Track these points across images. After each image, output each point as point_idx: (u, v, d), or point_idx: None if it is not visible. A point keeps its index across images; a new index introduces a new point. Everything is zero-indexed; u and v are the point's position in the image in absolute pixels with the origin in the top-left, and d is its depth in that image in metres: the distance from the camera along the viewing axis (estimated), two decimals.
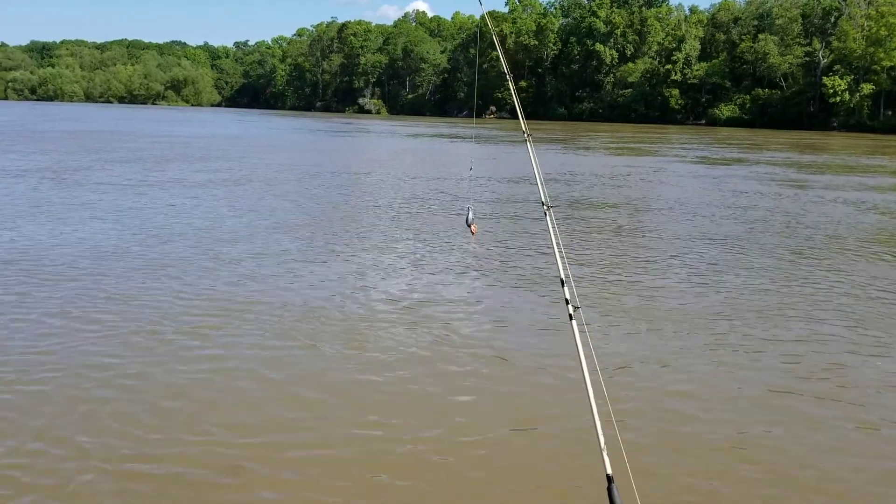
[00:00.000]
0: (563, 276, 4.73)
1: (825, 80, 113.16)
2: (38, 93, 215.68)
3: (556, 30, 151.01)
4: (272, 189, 28.08)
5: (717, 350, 10.70)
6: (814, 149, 65.41)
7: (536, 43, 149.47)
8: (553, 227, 4.98)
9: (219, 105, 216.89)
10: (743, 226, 22.15)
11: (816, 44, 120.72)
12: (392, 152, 54.46)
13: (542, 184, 5.31)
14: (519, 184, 32.07)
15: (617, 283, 14.76)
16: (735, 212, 24.95)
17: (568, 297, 4.72)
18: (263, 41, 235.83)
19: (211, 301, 12.59)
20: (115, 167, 34.32)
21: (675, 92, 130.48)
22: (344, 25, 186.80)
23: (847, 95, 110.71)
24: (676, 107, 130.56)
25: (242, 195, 26.13)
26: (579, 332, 4.48)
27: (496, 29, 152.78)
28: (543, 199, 5.21)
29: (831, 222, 23.10)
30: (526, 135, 5.67)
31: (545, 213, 5.14)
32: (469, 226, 5.94)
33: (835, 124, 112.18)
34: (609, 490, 3.94)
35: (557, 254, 4.88)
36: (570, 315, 4.60)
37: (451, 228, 20.39)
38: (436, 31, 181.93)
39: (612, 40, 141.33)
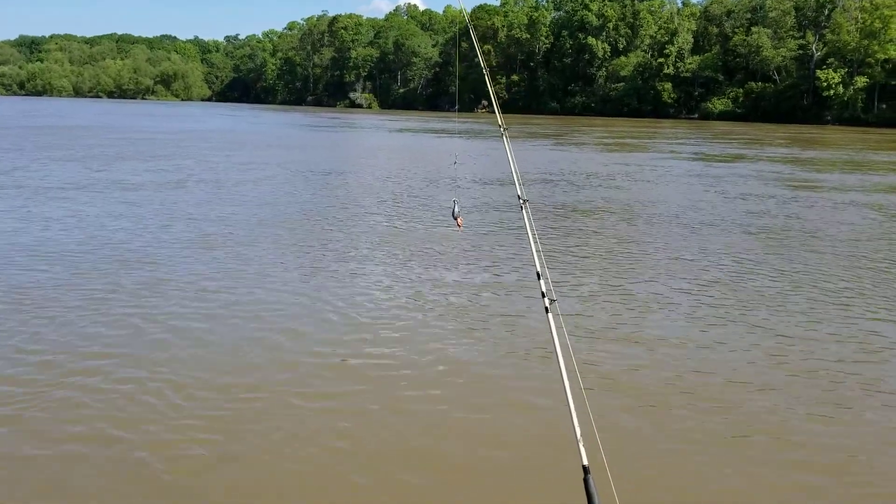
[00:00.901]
0: (539, 269, 4.64)
1: (819, 73, 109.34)
2: (27, 88, 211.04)
3: (547, 23, 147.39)
4: (221, 192, 24.48)
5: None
6: (815, 144, 61.72)
7: (528, 36, 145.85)
8: (529, 221, 4.86)
9: (209, 99, 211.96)
10: (754, 237, 18.62)
11: (810, 36, 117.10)
12: (373, 149, 50.93)
13: (518, 178, 5.19)
14: (504, 185, 28.51)
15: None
16: (744, 219, 21.41)
17: (544, 289, 4.58)
18: (254, 35, 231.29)
19: (42, 355, 9.02)
20: (56, 167, 30.63)
21: (668, 86, 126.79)
22: (335, 19, 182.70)
23: (841, 89, 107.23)
24: (669, 100, 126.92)
25: (183, 200, 22.52)
26: (555, 324, 4.36)
27: (488, 22, 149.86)
28: (520, 193, 5.10)
29: (858, 232, 19.57)
30: (502, 129, 5.70)
31: (521, 207, 5.05)
32: (455, 219, 5.51)
33: (828, 118, 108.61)
34: (585, 481, 3.86)
35: (533, 247, 4.78)
36: (546, 308, 4.51)
37: (428, 244, 16.93)
38: (427, 25, 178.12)
39: (604, 34, 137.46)
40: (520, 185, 5.16)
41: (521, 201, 5.13)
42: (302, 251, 15.77)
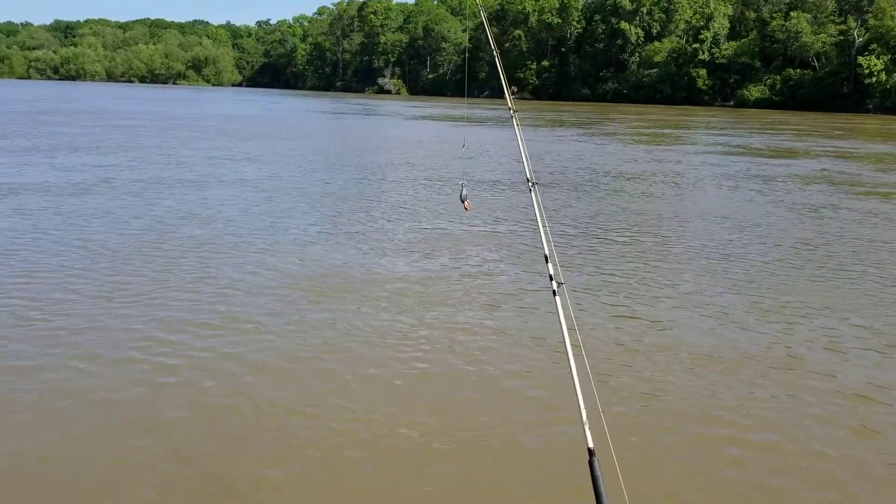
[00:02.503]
0: (546, 251, 4.43)
1: (860, 59, 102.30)
2: (61, 72, 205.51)
3: (579, 7, 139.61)
4: (142, 199, 18.51)
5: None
6: (876, 136, 53.89)
7: (560, 21, 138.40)
8: (538, 203, 4.59)
9: (239, 85, 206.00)
10: (856, 286, 12.40)
11: (851, 22, 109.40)
12: (381, 140, 44.64)
13: (527, 160, 4.89)
14: (517, 189, 22.43)
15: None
16: (829, 249, 15.13)
17: (552, 272, 4.39)
18: (285, 20, 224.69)
19: None
20: None
21: (703, 72, 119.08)
22: (364, 4, 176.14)
23: (883, 76, 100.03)
24: (704, 87, 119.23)
25: (83, 210, 16.65)
26: (563, 307, 4.16)
27: (519, 6, 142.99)
28: (528, 176, 4.83)
29: None
30: (512, 111, 5.14)
31: (530, 190, 4.82)
32: (462, 202, 5.09)
33: (870, 106, 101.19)
34: (590, 463, 3.78)
35: (542, 230, 4.55)
36: (553, 291, 4.35)
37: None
38: (457, 10, 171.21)
39: (637, 18, 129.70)
40: (529, 168, 4.78)
41: (530, 184, 4.84)
42: (178, 311, 9.81)
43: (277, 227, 15.66)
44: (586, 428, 3.85)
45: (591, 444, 3.82)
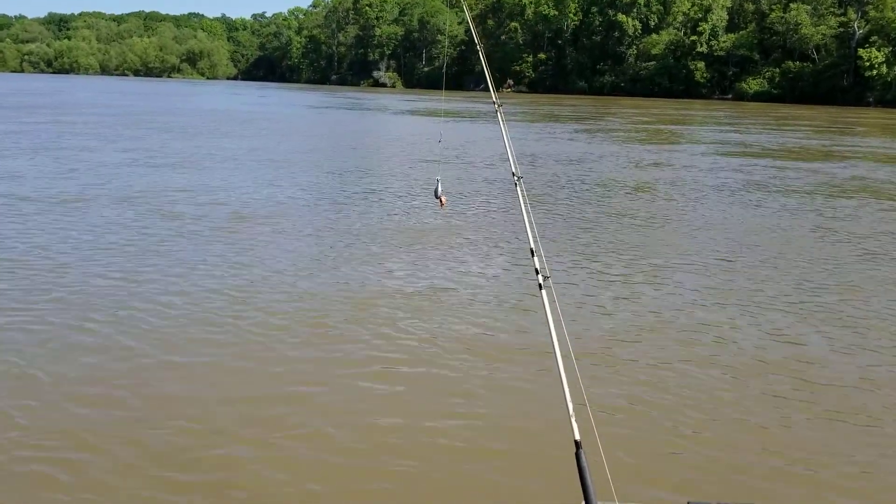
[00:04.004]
0: (532, 245, 4.43)
1: (861, 52, 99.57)
2: (55, 66, 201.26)
3: None
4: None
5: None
6: None
7: (556, 13, 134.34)
8: (523, 198, 4.65)
9: (235, 78, 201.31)
10: None
11: (851, 14, 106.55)
12: (354, 136, 40.77)
13: (512, 155, 4.95)
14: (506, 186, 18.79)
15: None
16: None
17: (538, 266, 4.40)
18: (280, 13, 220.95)
19: None
20: None
21: (701, 65, 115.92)
22: None
23: (884, 68, 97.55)
24: (702, 80, 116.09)
25: None
26: (549, 301, 4.19)
27: None
28: (514, 170, 4.86)
29: None
30: (497, 105, 5.28)
31: (515, 184, 4.87)
32: (438, 198, 5.08)
33: (870, 99, 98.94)
34: (577, 455, 3.79)
35: (528, 224, 4.56)
36: (539, 284, 4.38)
37: None
38: (453, 2, 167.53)
39: (635, 10, 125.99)
40: (514, 162, 4.80)
41: (516, 178, 4.82)
42: None
43: (137, 273, 11.83)
44: (573, 420, 3.83)
45: (577, 437, 3.81)
